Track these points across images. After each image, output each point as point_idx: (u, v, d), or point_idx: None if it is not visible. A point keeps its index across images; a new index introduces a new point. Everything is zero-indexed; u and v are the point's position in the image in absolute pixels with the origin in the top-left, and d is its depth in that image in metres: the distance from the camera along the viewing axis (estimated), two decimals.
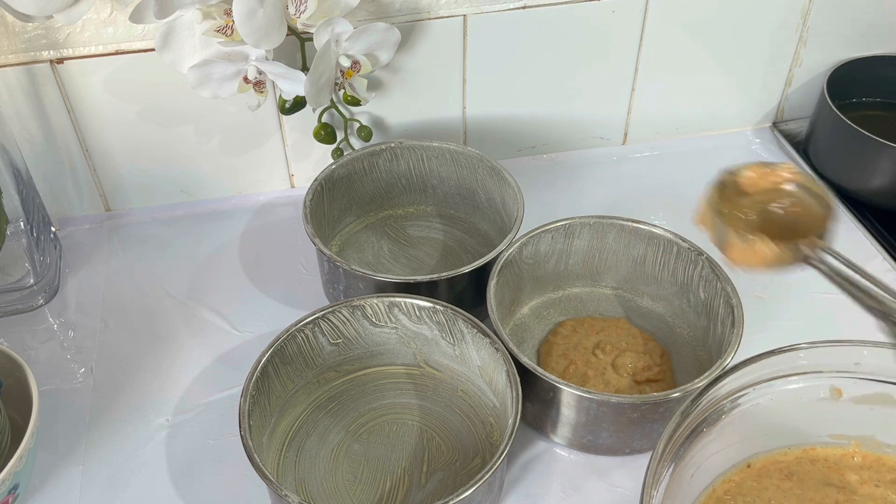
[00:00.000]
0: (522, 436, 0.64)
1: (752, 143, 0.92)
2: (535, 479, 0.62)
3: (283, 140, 0.81)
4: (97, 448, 0.64)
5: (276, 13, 0.64)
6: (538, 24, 0.78)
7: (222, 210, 0.84)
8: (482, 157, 0.75)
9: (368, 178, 0.78)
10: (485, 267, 0.66)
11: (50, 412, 0.66)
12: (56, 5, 0.61)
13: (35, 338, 0.72)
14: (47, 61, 0.71)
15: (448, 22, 0.76)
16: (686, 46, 0.84)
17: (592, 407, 0.59)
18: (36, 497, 0.61)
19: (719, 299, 0.64)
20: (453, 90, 0.82)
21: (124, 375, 0.69)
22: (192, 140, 0.79)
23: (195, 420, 0.66)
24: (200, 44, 0.67)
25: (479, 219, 0.80)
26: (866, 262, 0.78)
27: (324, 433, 0.64)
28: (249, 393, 0.57)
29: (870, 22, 0.86)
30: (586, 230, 0.70)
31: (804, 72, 0.89)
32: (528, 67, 0.81)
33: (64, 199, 0.81)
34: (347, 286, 0.68)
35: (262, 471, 0.52)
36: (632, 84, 0.86)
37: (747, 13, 0.82)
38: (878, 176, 0.81)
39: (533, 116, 0.86)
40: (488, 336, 0.60)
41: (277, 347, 0.60)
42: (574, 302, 0.73)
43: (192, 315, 0.74)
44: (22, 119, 0.74)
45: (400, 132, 0.83)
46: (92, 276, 0.77)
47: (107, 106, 0.75)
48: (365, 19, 0.74)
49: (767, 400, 0.55)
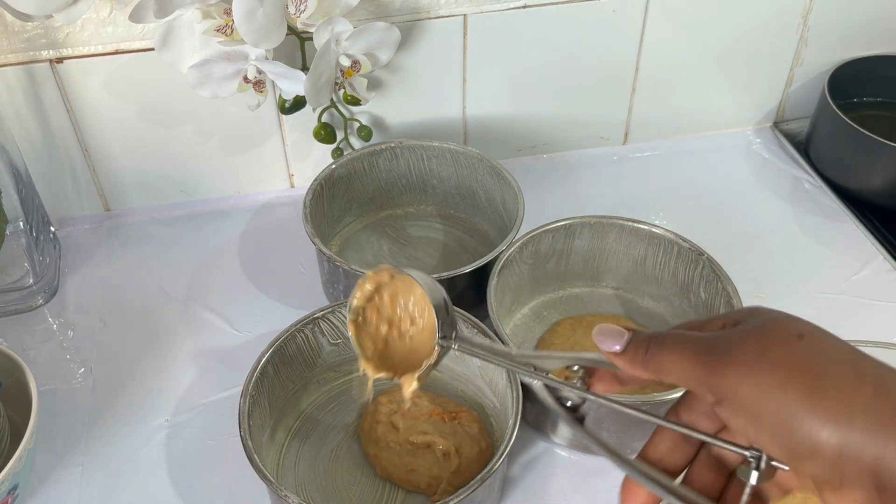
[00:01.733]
0: (522, 436, 0.64)
1: (752, 142, 0.92)
2: (535, 479, 0.62)
3: (282, 140, 0.81)
4: (97, 448, 0.64)
5: (276, 13, 0.64)
6: (538, 23, 0.78)
7: (222, 210, 0.84)
8: (482, 156, 0.75)
9: (368, 178, 0.78)
10: (485, 267, 0.66)
11: (49, 412, 0.66)
12: (56, 5, 0.61)
13: (34, 338, 0.72)
14: (47, 61, 0.71)
15: (448, 21, 0.76)
16: (686, 46, 0.84)
17: (592, 407, 0.59)
18: (36, 497, 0.61)
19: (720, 299, 0.64)
20: (453, 90, 0.81)
21: (124, 375, 0.69)
22: (191, 140, 0.79)
23: (195, 420, 0.66)
24: (200, 43, 0.67)
25: (479, 219, 0.79)
26: (866, 261, 0.78)
27: (324, 433, 0.63)
28: (249, 393, 0.57)
29: (870, 22, 0.86)
30: (586, 230, 0.70)
31: (805, 71, 0.89)
32: (528, 67, 0.81)
33: (63, 199, 0.81)
34: (347, 286, 0.68)
35: (262, 471, 0.52)
36: (632, 84, 0.86)
37: (748, 13, 0.82)
38: (879, 176, 0.81)
39: (533, 116, 0.86)
40: (488, 336, 0.60)
41: (277, 347, 0.60)
42: (574, 302, 0.73)
43: (191, 315, 0.74)
44: (21, 119, 0.74)
45: (400, 132, 0.83)
46: (91, 275, 0.77)
47: (106, 106, 0.75)
48: (365, 19, 0.74)
49: None
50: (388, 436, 0.60)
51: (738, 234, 0.80)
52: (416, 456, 0.59)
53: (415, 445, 0.60)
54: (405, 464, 0.59)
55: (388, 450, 0.60)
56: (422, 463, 0.59)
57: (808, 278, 0.76)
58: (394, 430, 0.61)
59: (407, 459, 0.59)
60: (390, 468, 0.59)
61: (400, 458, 0.59)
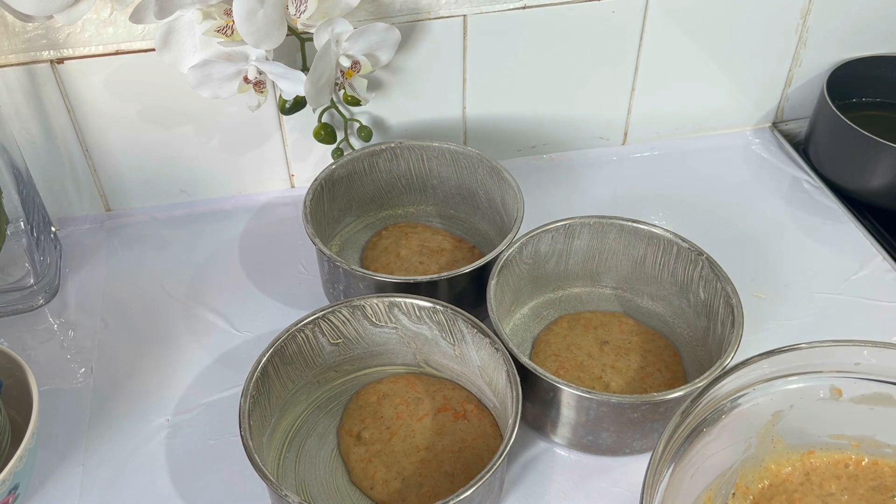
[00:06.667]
0: (522, 436, 0.64)
1: (751, 143, 0.92)
2: (535, 479, 0.62)
3: (283, 140, 0.81)
4: (97, 448, 0.64)
5: (276, 13, 0.64)
6: (538, 24, 0.78)
7: (222, 210, 0.84)
8: (482, 157, 0.75)
9: (368, 178, 0.78)
10: (485, 267, 0.66)
11: (50, 412, 0.66)
12: (56, 5, 0.61)
13: (35, 338, 0.72)
14: (47, 61, 0.71)
15: (448, 22, 0.76)
16: (686, 46, 0.84)
17: (592, 407, 0.59)
18: (36, 497, 0.61)
19: (719, 299, 0.64)
20: (453, 90, 0.82)
21: (124, 375, 0.69)
22: (192, 140, 0.79)
23: (195, 420, 0.66)
24: (200, 44, 0.67)
25: (479, 219, 0.80)
26: (866, 262, 0.78)
27: (324, 433, 0.64)
28: (249, 393, 0.57)
29: (870, 22, 0.86)
30: (586, 230, 0.70)
31: (804, 72, 0.89)
32: (528, 67, 0.81)
33: (64, 199, 0.81)
34: (347, 286, 0.68)
35: (262, 471, 0.52)
36: (632, 84, 0.86)
37: (747, 13, 0.82)
38: (878, 176, 0.81)
39: (533, 116, 0.86)
40: (488, 336, 0.60)
41: (277, 347, 0.60)
42: (574, 302, 0.73)
43: (192, 315, 0.74)
44: (22, 119, 0.74)
45: (400, 132, 0.83)
46: (92, 276, 0.77)
47: (107, 106, 0.75)
48: (365, 19, 0.74)
49: (767, 400, 0.55)
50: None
51: (737, 234, 0.80)
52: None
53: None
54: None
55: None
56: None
57: (807, 278, 0.76)
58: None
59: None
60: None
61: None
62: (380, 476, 0.59)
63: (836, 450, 0.58)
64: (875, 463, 0.58)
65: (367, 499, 0.59)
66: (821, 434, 0.58)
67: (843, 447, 0.58)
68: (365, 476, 0.59)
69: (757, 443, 0.57)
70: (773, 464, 0.58)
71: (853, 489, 0.57)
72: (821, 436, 0.58)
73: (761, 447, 0.57)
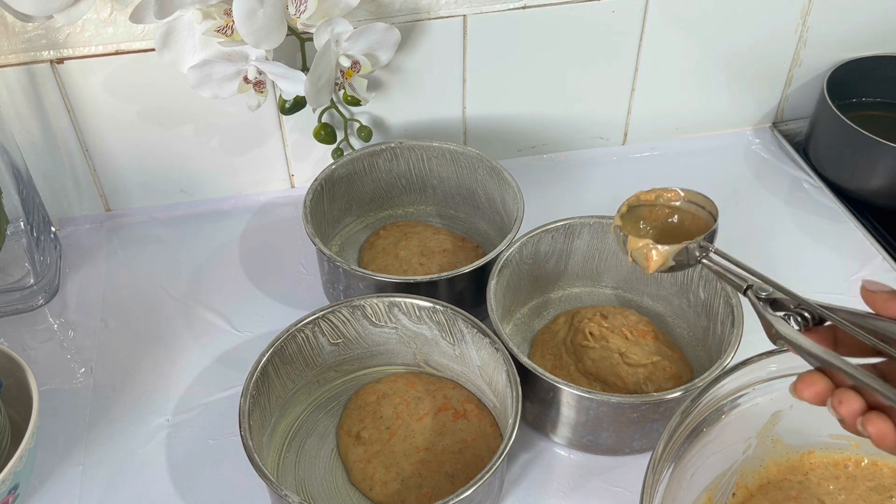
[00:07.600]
0: (522, 436, 0.64)
1: (751, 143, 0.92)
2: (535, 479, 0.62)
3: (283, 140, 0.81)
4: (97, 448, 0.64)
5: (276, 13, 0.64)
6: (538, 24, 0.78)
7: (222, 210, 0.84)
8: (482, 157, 0.75)
9: (368, 178, 0.78)
10: (485, 267, 0.66)
11: (50, 412, 0.66)
12: (56, 5, 0.61)
13: (35, 338, 0.72)
14: (47, 61, 0.71)
15: (448, 22, 0.76)
16: (686, 46, 0.84)
17: (592, 407, 0.59)
18: (36, 497, 0.61)
19: (719, 299, 0.64)
20: (453, 90, 0.82)
21: (124, 375, 0.69)
22: (192, 140, 0.79)
23: (195, 420, 0.66)
24: (200, 44, 0.67)
25: (479, 219, 0.80)
26: (865, 262, 0.78)
27: (324, 433, 0.64)
28: (249, 393, 0.57)
29: (870, 22, 0.86)
30: (586, 230, 0.70)
31: (804, 72, 0.89)
32: (527, 67, 0.81)
33: (64, 199, 0.81)
34: (347, 286, 0.68)
35: (262, 471, 0.52)
36: (632, 84, 0.86)
37: (747, 13, 0.82)
38: (878, 176, 0.81)
39: (533, 116, 0.86)
40: (488, 336, 0.60)
41: (277, 347, 0.60)
42: (574, 302, 0.73)
43: (192, 315, 0.74)
44: (22, 119, 0.74)
45: (400, 132, 0.83)
46: (92, 276, 0.77)
47: (107, 106, 0.75)
48: (365, 19, 0.74)
49: (767, 400, 0.55)
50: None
51: (737, 234, 0.80)
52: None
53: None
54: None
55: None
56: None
57: (807, 278, 0.76)
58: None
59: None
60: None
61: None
62: (379, 477, 0.59)
63: (835, 450, 0.58)
64: (874, 463, 0.58)
65: (366, 499, 0.59)
66: (820, 434, 0.58)
67: (842, 447, 0.58)
68: (364, 477, 0.60)
69: (756, 443, 0.57)
70: (772, 464, 0.58)
71: (852, 489, 0.57)
72: (820, 436, 0.58)
73: (761, 447, 0.57)
